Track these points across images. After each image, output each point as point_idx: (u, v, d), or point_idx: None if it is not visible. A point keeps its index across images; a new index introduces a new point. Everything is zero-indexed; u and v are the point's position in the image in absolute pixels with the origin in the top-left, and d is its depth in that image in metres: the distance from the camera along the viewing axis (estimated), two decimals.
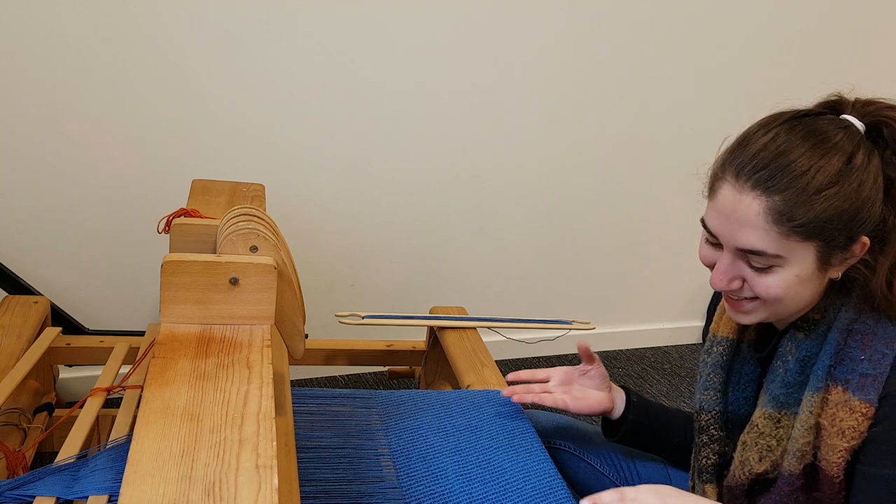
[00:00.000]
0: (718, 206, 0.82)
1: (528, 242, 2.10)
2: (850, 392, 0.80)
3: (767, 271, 0.80)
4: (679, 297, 2.41)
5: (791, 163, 0.77)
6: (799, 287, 0.81)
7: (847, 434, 0.80)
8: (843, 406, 0.80)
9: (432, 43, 1.75)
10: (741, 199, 0.79)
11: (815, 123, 0.80)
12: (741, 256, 0.82)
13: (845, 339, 0.82)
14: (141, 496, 0.58)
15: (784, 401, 0.87)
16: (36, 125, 1.51)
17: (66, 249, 1.63)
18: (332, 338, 1.69)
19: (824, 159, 0.77)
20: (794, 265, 0.79)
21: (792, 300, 0.82)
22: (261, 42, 1.61)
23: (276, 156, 1.72)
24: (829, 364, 0.82)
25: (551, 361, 2.23)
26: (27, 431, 1.33)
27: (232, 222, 0.91)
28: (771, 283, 0.81)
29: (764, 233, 0.78)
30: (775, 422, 0.87)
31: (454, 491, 0.97)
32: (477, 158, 1.92)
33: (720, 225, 0.82)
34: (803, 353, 0.85)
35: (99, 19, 1.47)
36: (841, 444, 0.80)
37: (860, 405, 0.79)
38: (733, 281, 0.83)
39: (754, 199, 0.78)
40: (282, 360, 1.03)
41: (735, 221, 0.80)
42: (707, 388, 0.97)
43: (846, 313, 0.83)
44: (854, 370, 0.80)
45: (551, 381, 1.11)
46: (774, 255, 0.79)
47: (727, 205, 0.80)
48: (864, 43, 2.22)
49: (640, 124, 2.06)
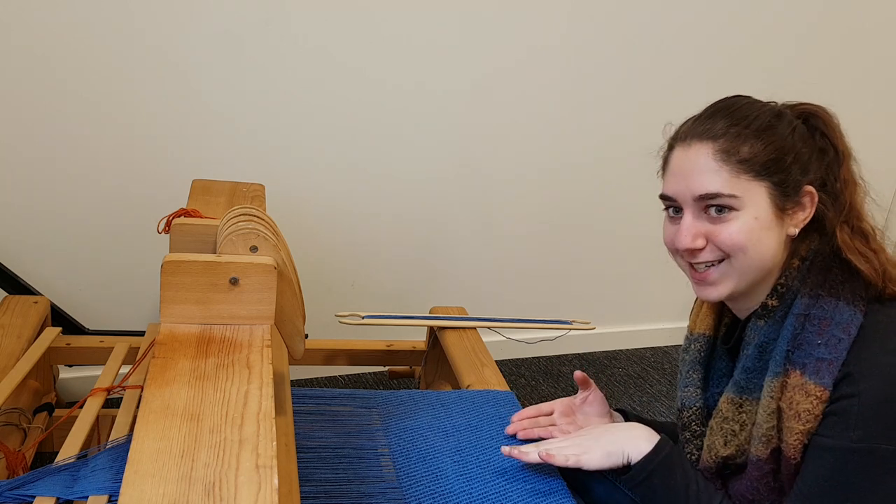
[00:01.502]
0: (672, 169, 0.90)
1: (529, 242, 2.10)
2: (806, 376, 0.82)
3: (727, 218, 0.85)
4: (679, 297, 2.39)
5: (729, 114, 0.87)
6: (761, 233, 0.84)
7: (803, 417, 0.81)
8: (800, 389, 0.82)
9: (432, 42, 1.75)
10: (690, 151, 0.87)
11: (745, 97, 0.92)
12: (701, 210, 0.87)
13: (802, 324, 0.84)
14: (141, 496, 0.58)
15: (745, 386, 0.89)
16: (36, 125, 1.51)
17: (66, 249, 1.63)
18: (332, 338, 1.69)
19: (758, 109, 0.88)
20: (750, 206, 0.84)
21: (755, 249, 0.85)
22: (261, 42, 1.61)
23: (276, 156, 1.72)
24: (786, 349, 0.84)
25: (551, 361, 2.23)
26: (27, 431, 1.33)
27: (232, 222, 0.91)
28: (733, 230, 0.84)
29: (715, 174, 0.84)
30: (737, 407, 0.90)
31: (454, 491, 0.97)
32: (477, 158, 1.92)
33: (676, 184, 0.88)
34: (762, 338, 0.88)
35: (98, 19, 1.47)
36: (798, 426, 0.82)
37: (815, 388, 0.81)
38: (697, 238, 0.87)
39: (701, 147, 0.86)
40: (282, 360, 1.03)
41: (688, 173, 0.87)
42: (687, 385, 0.99)
43: (802, 299, 0.85)
44: (811, 354, 0.82)
45: (555, 414, 1.12)
46: (730, 194, 0.84)
47: (679, 163, 0.89)
48: (858, 48, 2.22)
49: (641, 124, 2.06)
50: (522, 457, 0.98)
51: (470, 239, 2.02)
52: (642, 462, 0.91)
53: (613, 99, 1.99)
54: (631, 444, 0.93)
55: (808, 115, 0.90)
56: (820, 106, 0.91)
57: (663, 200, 0.92)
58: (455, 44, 1.77)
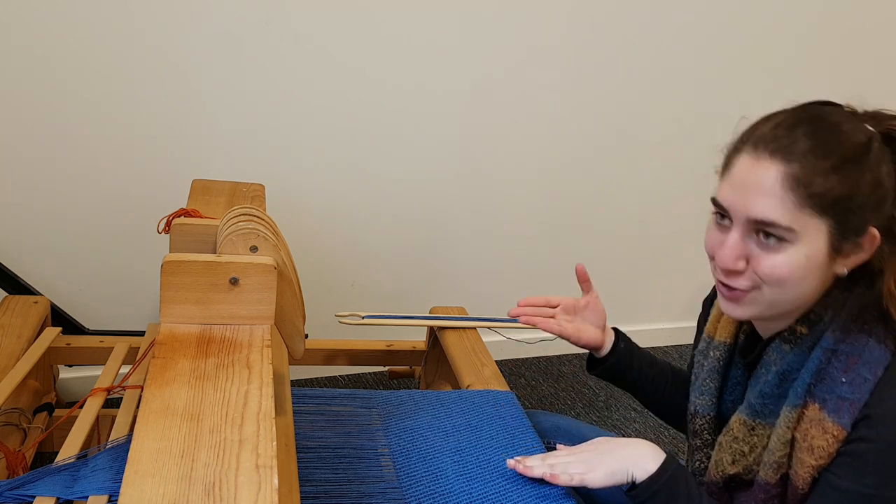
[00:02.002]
0: (733, 177, 0.81)
1: (529, 242, 2.10)
2: (825, 412, 0.79)
3: (777, 248, 0.78)
4: (679, 297, 2.40)
5: (813, 132, 0.77)
6: (805, 273, 0.78)
7: (816, 452, 0.79)
8: (817, 424, 0.79)
9: (432, 42, 1.75)
10: (758, 165, 0.78)
11: (837, 110, 0.82)
12: (751, 232, 0.79)
13: (829, 358, 0.80)
14: (141, 496, 0.58)
15: (759, 410, 0.87)
16: (36, 125, 1.51)
17: (66, 249, 1.63)
18: (332, 338, 1.69)
19: (845, 137, 0.77)
20: (804, 243, 0.77)
21: (794, 287, 0.79)
22: (261, 42, 1.61)
23: (276, 156, 1.72)
24: (808, 381, 0.81)
25: (551, 361, 2.23)
26: (27, 431, 1.33)
27: (232, 222, 0.91)
28: (778, 262, 0.78)
29: (778, 201, 0.76)
30: (749, 429, 0.88)
31: (454, 491, 0.97)
32: (477, 158, 1.92)
33: (733, 196, 0.80)
34: (785, 366, 0.84)
35: (98, 19, 1.47)
36: (809, 460, 0.80)
37: (833, 427, 0.78)
38: (740, 260, 0.80)
39: (772, 165, 0.77)
40: (282, 360, 1.03)
41: (749, 190, 0.78)
42: (703, 393, 0.97)
43: (833, 333, 0.81)
44: (833, 391, 0.79)
45: (558, 308, 1.15)
46: (787, 227, 0.76)
47: (743, 174, 0.79)
48: (864, 49, 2.22)
49: (641, 124, 2.06)
50: (527, 472, 0.96)
51: (470, 239, 2.02)
52: (647, 482, 0.88)
53: (613, 99, 1.99)
54: (636, 463, 0.90)
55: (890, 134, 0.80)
56: None
57: (714, 205, 0.85)
58: (455, 44, 1.77)
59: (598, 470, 0.91)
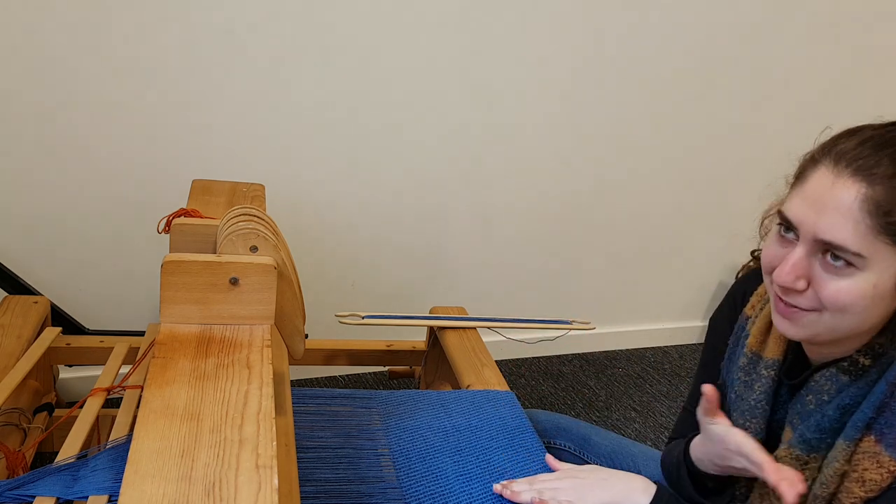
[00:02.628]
0: (807, 191, 0.75)
1: (529, 242, 2.10)
2: (882, 445, 0.76)
3: (843, 273, 0.72)
4: (679, 297, 2.41)
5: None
6: (870, 302, 0.73)
7: (867, 485, 0.77)
8: (872, 458, 0.77)
9: (433, 42, 1.75)
10: (837, 183, 0.72)
11: None
12: (818, 253, 0.74)
13: (892, 392, 0.76)
14: (141, 496, 0.58)
15: (816, 445, 0.82)
16: (36, 125, 1.51)
17: (66, 249, 1.63)
18: (332, 338, 1.69)
19: None
20: (873, 272, 0.72)
21: (856, 316, 0.74)
22: (261, 42, 1.61)
23: (276, 156, 1.72)
24: (870, 415, 0.77)
25: (551, 361, 2.23)
26: (27, 431, 1.33)
27: (232, 222, 0.91)
28: (843, 288, 0.73)
29: (853, 225, 0.70)
30: (802, 463, 0.83)
31: (454, 491, 0.97)
32: (477, 158, 1.92)
33: (804, 211, 0.74)
34: (846, 399, 0.79)
35: (98, 19, 1.47)
36: (858, 491, 0.77)
37: (889, 462, 0.75)
38: (800, 280, 0.75)
39: (852, 184, 0.71)
40: (282, 360, 1.03)
41: (823, 208, 0.72)
42: (754, 416, 0.89)
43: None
44: (893, 425, 0.76)
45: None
46: (856, 252, 0.71)
47: (818, 189, 0.73)
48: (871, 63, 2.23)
49: (642, 125, 2.06)
50: (514, 497, 0.93)
51: (470, 239, 2.02)
52: None
53: (614, 99, 1.99)
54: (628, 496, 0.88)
55: None
56: None
57: (781, 218, 0.78)
58: (456, 44, 1.77)
59: (588, 500, 0.90)
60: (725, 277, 2.38)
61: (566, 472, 0.97)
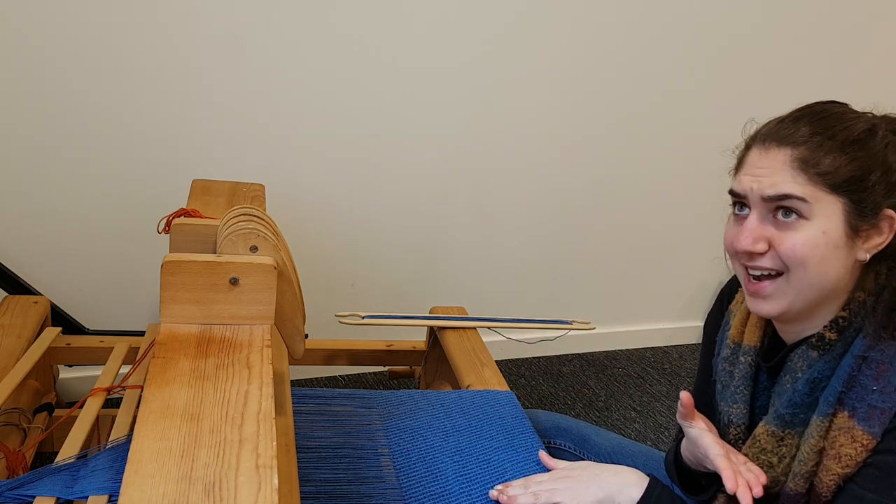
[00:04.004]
0: (746, 168, 0.84)
1: (529, 242, 2.10)
2: (855, 420, 0.78)
3: (794, 226, 0.79)
4: (679, 297, 2.40)
5: (817, 121, 0.81)
6: (826, 251, 0.79)
7: (843, 460, 0.79)
8: (846, 433, 0.79)
9: (432, 44, 1.75)
10: (767, 154, 0.82)
11: (840, 105, 0.85)
12: (768, 213, 0.81)
13: (860, 365, 0.79)
14: (141, 496, 0.58)
15: (789, 420, 0.85)
16: (36, 125, 1.51)
17: (66, 249, 1.63)
18: (332, 338, 1.69)
19: (849, 120, 0.81)
20: (820, 219, 0.79)
21: (817, 268, 0.79)
22: (261, 42, 1.61)
23: (276, 156, 1.72)
24: (839, 389, 0.80)
25: (551, 361, 2.23)
26: (27, 431, 1.33)
27: (232, 222, 0.91)
28: (798, 240, 0.79)
29: (790, 178, 0.79)
30: (778, 439, 0.86)
31: (454, 491, 0.97)
32: (477, 158, 1.93)
33: (747, 182, 0.83)
34: (815, 374, 0.83)
35: (98, 19, 1.47)
36: (836, 468, 0.79)
37: (862, 436, 0.77)
38: (759, 241, 0.82)
39: (780, 151, 0.81)
40: (282, 360, 1.03)
41: (762, 173, 0.81)
42: (736, 402, 0.94)
43: (863, 339, 0.80)
44: (864, 399, 0.78)
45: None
46: (800, 197, 0.78)
47: (754, 163, 0.83)
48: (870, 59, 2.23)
49: (642, 125, 2.06)
50: (510, 502, 0.93)
51: (470, 239, 2.02)
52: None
53: (613, 99, 1.99)
54: (621, 491, 0.89)
55: None
56: None
57: (732, 196, 0.87)
58: (456, 45, 1.77)
59: (583, 499, 0.90)
60: (725, 278, 2.36)
61: (561, 471, 0.97)
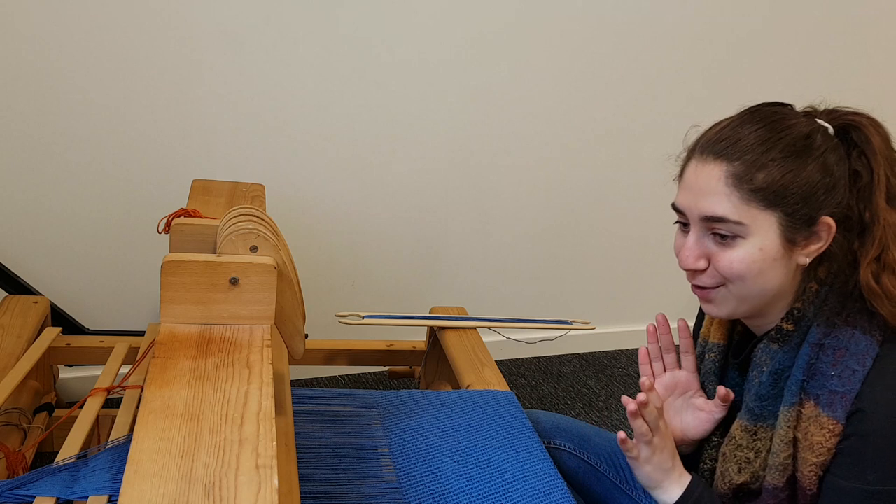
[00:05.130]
0: (686, 182, 0.85)
1: (528, 242, 2.10)
2: (819, 407, 0.80)
3: (732, 244, 0.81)
4: (679, 298, 2.40)
5: (750, 134, 0.81)
6: (763, 265, 0.80)
7: (816, 449, 0.80)
8: (814, 421, 0.80)
9: (432, 44, 1.75)
10: (704, 168, 0.82)
11: (778, 109, 0.85)
12: (707, 230, 0.83)
13: (817, 353, 0.81)
14: (141, 496, 0.58)
15: (759, 413, 0.86)
16: (36, 125, 1.51)
17: (66, 249, 1.63)
18: (332, 338, 1.69)
19: (784, 132, 0.81)
20: (756, 236, 0.80)
21: (756, 280, 0.81)
22: (261, 42, 1.61)
23: (276, 156, 1.72)
24: (801, 378, 0.81)
25: (551, 361, 2.23)
26: (27, 431, 1.33)
27: (232, 222, 0.91)
28: (735, 258, 0.81)
29: (725, 197, 0.80)
30: (752, 434, 0.87)
31: (454, 491, 0.97)
32: (477, 158, 1.92)
33: (686, 199, 0.84)
34: (776, 365, 0.85)
35: (98, 18, 1.47)
36: (811, 458, 0.80)
37: (828, 422, 0.79)
38: (700, 259, 0.83)
39: (715, 166, 0.81)
40: (282, 360, 1.03)
41: (698, 191, 0.82)
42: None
43: (819, 327, 0.82)
44: (824, 386, 0.80)
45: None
46: (736, 221, 0.80)
47: (691, 178, 0.84)
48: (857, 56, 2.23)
49: (641, 125, 2.06)
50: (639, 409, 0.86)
51: (470, 239, 2.02)
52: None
53: (613, 100, 1.99)
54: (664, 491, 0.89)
55: (849, 128, 0.82)
56: (868, 118, 0.83)
57: (675, 211, 0.88)
58: (456, 45, 1.77)
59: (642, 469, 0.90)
60: None
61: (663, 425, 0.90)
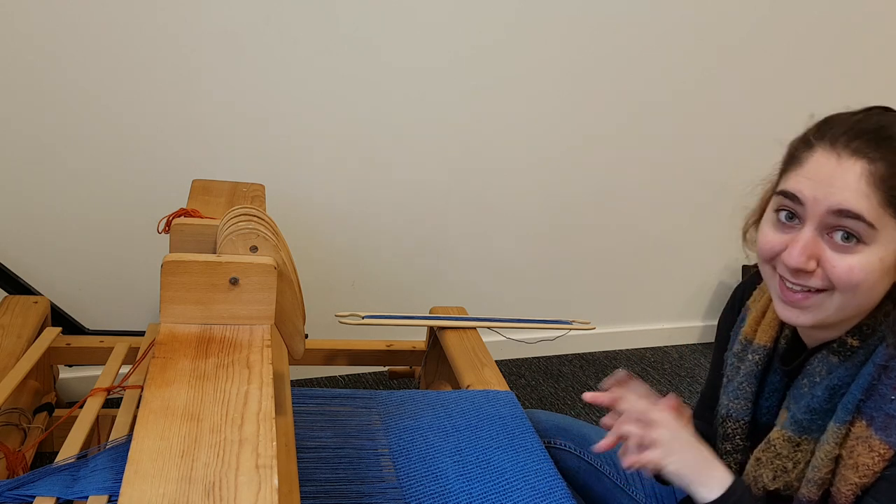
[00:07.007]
0: (809, 171, 0.77)
1: (528, 242, 2.10)
2: (872, 429, 0.77)
3: (852, 249, 0.75)
4: (679, 297, 2.40)
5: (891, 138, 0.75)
6: (878, 277, 0.75)
7: (861, 470, 0.77)
8: (864, 442, 0.77)
9: (432, 44, 1.75)
10: (840, 162, 0.75)
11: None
12: (827, 228, 0.76)
13: (880, 375, 0.78)
14: (141, 496, 0.58)
15: (807, 426, 0.83)
16: (35, 125, 1.51)
17: (66, 249, 1.63)
18: (332, 338, 1.69)
19: None
20: (881, 245, 0.74)
21: (867, 292, 0.76)
22: (261, 42, 1.61)
23: (276, 156, 1.72)
24: (859, 397, 0.78)
25: (551, 361, 2.23)
26: (27, 431, 1.33)
27: (232, 222, 0.91)
28: (855, 265, 0.74)
29: (864, 196, 0.73)
30: (794, 445, 0.84)
31: (454, 491, 0.97)
32: (477, 158, 1.92)
33: (812, 189, 0.76)
34: (835, 380, 0.81)
35: (98, 18, 1.47)
36: (853, 477, 0.78)
37: (880, 445, 0.76)
38: (810, 260, 0.76)
39: (855, 163, 0.74)
40: (282, 360, 1.03)
41: (832, 183, 0.74)
42: (738, 397, 0.93)
43: (886, 348, 0.78)
44: (882, 408, 0.77)
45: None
46: (870, 223, 0.73)
47: (822, 168, 0.76)
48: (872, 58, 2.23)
49: (641, 125, 2.06)
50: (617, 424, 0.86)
51: (470, 239, 2.02)
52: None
53: (613, 100, 1.99)
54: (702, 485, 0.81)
55: None
56: None
57: (784, 198, 0.79)
58: (456, 45, 1.77)
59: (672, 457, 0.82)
60: (725, 277, 2.38)
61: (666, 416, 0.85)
